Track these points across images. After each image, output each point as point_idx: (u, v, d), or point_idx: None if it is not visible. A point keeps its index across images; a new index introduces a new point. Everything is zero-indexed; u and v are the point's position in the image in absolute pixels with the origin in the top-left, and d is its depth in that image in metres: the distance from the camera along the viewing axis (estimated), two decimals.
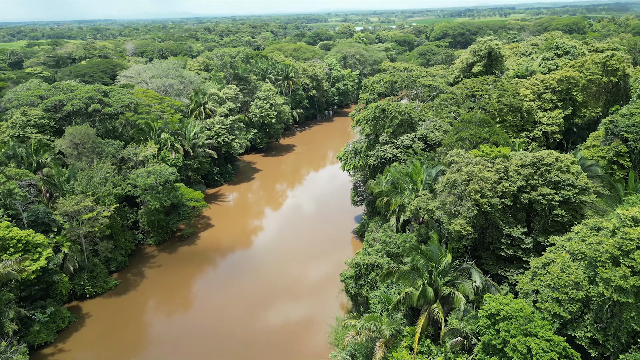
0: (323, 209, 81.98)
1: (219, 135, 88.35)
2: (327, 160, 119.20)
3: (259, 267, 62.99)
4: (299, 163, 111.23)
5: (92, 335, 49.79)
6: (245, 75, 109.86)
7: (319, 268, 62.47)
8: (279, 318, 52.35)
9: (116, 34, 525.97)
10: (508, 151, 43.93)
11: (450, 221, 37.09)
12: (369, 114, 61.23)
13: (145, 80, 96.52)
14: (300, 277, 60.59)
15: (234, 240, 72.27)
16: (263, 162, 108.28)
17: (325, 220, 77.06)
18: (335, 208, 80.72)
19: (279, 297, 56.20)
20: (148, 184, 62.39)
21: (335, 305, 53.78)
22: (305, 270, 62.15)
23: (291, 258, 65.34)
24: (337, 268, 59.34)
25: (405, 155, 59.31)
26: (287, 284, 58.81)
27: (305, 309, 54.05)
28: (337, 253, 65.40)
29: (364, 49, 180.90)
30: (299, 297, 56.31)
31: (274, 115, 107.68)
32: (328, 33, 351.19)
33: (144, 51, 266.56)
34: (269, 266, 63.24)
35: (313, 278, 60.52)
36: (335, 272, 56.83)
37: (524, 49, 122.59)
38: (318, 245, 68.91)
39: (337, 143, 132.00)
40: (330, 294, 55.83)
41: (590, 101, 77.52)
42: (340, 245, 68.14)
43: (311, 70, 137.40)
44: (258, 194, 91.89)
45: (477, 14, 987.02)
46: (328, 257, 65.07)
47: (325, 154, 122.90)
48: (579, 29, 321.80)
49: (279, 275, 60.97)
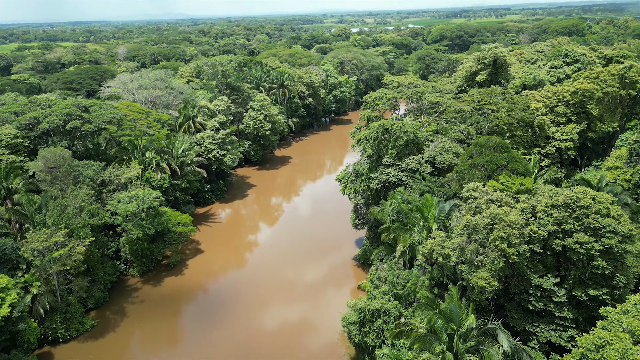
0: (321, 230, 76.51)
1: (210, 150, 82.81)
2: (325, 170, 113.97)
3: (251, 301, 57.49)
4: (295, 177, 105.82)
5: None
6: (238, 85, 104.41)
7: (317, 303, 57.07)
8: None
9: (109, 36, 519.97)
10: (531, 183, 38.74)
11: (472, 273, 31.83)
12: (371, 133, 55.94)
13: (132, 91, 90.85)
14: (296, 315, 55.19)
15: (225, 267, 66.80)
16: (257, 176, 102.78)
17: (324, 244, 71.65)
18: (334, 230, 75.29)
19: (272, 335, 50.81)
20: (129, 211, 56.85)
21: (335, 351, 48.41)
22: (300, 307, 56.69)
23: (286, 289, 59.95)
24: (338, 303, 54.05)
25: (412, 179, 54.07)
26: (280, 321, 53.45)
27: (302, 353, 48.66)
28: (337, 284, 60.12)
29: (361, 53, 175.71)
30: (295, 339, 50.92)
31: (269, 127, 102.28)
32: (324, 36, 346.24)
33: (136, 55, 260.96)
34: (261, 299, 57.76)
35: (310, 316, 55.08)
36: (335, 308, 51.57)
37: (528, 56, 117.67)
38: (316, 274, 63.55)
39: (334, 153, 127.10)
40: (329, 336, 50.41)
41: (606, 115, 72.52)
42: (341, 275, 62.74)
43: (307, 77, 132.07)
44: (251, 212, 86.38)
45: (473, 15, 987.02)
46: (328, 288, 59.73)
47: (322, 165, 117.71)
48: (578, 31, 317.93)
49: (272, 310, 55.57)
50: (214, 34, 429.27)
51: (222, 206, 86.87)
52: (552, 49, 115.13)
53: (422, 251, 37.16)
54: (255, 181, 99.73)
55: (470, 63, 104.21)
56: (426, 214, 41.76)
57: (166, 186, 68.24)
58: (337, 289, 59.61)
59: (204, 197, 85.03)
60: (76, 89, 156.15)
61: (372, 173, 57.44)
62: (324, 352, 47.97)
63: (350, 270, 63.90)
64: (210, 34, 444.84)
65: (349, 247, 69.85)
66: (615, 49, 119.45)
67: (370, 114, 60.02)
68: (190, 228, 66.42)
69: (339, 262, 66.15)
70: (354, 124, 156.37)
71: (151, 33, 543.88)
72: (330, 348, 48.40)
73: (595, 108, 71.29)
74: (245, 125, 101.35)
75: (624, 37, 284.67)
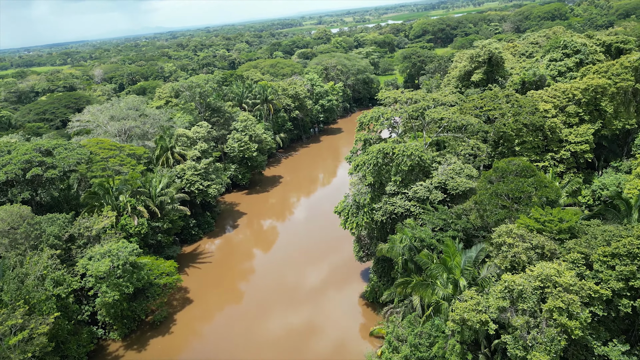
0: (322, 261, 69.62)
1: (192, 183, 75.62)
2: (318, 186, 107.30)
3: (249, 351, 50.51)
4: (287, 198, 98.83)
5: None
6: (219, 105, 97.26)
7: (324, 350, 50.17)
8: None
9: (87, 57, 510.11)
10: (574, 218, 32.16)
11: (525, 356, 25.13)
12: (370, 159, 49.18)
13: (103, 124, 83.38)
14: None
15: (216, 317, 59.68)
16: (247, 201, 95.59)
17: (326, 277, 64.79)
18: (337, 260, 68.45)
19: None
20: (102, 271, 49.58)
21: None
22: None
23: (287, 337, 52.97)
24: (349, 351, 47.24)
25: (422, 209, 47.37)
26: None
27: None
28: (347, 328, 53.26)
29: (345, 57, 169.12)
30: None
31: (255, 148, 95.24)
32: (305, 39, 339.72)
33: (113, 76, 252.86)
34: (260, 352, 50.76)
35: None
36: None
37: (522, 48, 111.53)
38: (322, 318, 56.66)
39: (327, 166, 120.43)
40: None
41: (621, 111, 66.35)
42: (350, 317, 55.82)
43: (292, 89, 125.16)
44: (243, 244, 79.23)
45: (451, 6, 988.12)
46: (335, 331, 52.85)
47: (315, 179, 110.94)
48: (561, 15, 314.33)
49: None
50: (192, 47, 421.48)
51: (211, 241, 79.67)
52: (547, 40, 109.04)
53: (452, 316, 30.44)
54: (245, 207, 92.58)
55: (464, 62, 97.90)
56: (450, 264, 35.02)
57: (145, 232, 60.98)
58: (347, 332, 52.72)
59: (190, 234, 77.79)
60: (50, 119, 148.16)
61: (375, 203, 50.66)
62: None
63: (359, 311, 56.99)
64: (189, 46, 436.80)
65: (355, 280, 63.02)
66: (611, 33, 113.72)
67: (366, 136, 53.22)
68: (176, 277, 59.23)
69: (345, 299, 59.28)
70: (345, 133, 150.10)
71: (129, 50, 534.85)
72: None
73: (610, 105, 65.09)
74: (230, 148, 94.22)
75: (608, 17, 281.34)
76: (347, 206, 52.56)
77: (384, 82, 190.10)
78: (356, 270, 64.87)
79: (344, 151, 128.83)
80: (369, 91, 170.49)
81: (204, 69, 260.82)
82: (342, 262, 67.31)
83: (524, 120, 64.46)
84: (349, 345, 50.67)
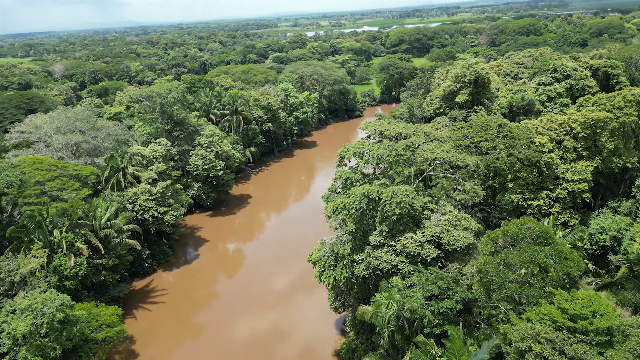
0: (292, 300, 61.77)
1: (146, 210, 66.52)
2: (290, 203, 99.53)
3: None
4: (256, 219, 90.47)
5: None
6: (182, 118, 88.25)
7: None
8: None
9: (51, 50, 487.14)
10: (611, 312, 25.51)
11: None
12: (352, 203, 41.76)
13: (46, 137, 73.21)
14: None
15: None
16: (210, 225, 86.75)
17: (293, 326, 56.94)
18: (308, 303, 60.79)
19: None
20: (20, 332, 40.36)
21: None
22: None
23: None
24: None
25: (411, 266, 40.23)
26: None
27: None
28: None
29: (322, 66, 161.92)
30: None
31: (221, 166, 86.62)
32: (280, 43, 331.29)
33: (74, 73, 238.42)
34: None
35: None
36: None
37: (507, 68, 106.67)
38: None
39: (299, 182, 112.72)
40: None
41: (622, 148, 61.15)
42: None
43: (264, 99, 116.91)
44: (203, 275, 70.37)
45: (426, 15, 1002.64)
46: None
47: (287, 197, 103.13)
48: (536, 30, 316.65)
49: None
50: (163, 45, 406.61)
51: (167, 273, 70.63)
52: (533, 60, 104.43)
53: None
54: (208, 231, 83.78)
55: (448, 82, 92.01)
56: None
57: (84, 273, 51.76)
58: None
59: (142, 266, 68.60)
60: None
61: (356, 254, 43.23)
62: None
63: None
64: (159, 44, 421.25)
65: (328, 331, 55.39)
66: (596, 56, 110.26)
67: (349, 174, 45.72)
68: (119, 329, 50.15)
69: (314, 354, 51.62)
70: (319, 147, 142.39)
71: (96, 44, 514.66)
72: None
73: (610, 141, 59.79)
74: (193, 166, 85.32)
75: (582, 35, 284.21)
76: (324, 256, 44.93)
77: (360, 93, 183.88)
78: (330, 318, 57.27)
79: (318, 166, 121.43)
80: (346, 102, 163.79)
81: (172, 70, 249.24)
82: (315, 303, 59.70)
83: (519, 155, 58.47)
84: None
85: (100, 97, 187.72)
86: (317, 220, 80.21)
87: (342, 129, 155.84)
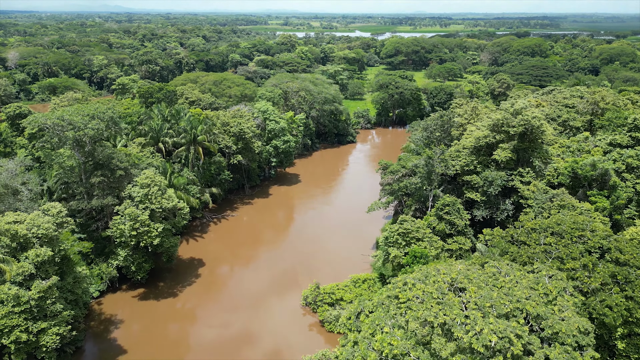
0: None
1: (8, 331, 39.75)
2: (260, 274, 72.45)
3: None
4: (205, 302, 63.92)
5: None
6: (107, 157, 61.65)
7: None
8: None
9: (21, 31, 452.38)
10: None
11: None
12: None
13: None
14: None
15: None
16: (138, 313, 59.98)
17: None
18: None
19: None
20: None
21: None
22: None
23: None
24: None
25: None
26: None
27: None
28: None
29: (311, 80, 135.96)
30: None
31: (161, 229, 60.37)
32: (267, 44, 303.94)
33: (27, 64, 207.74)
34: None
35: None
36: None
37: (550, 110, 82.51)
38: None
39: (271, 237, 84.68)
40: None
41: None
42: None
43: (235, 124, 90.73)
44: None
45: (418, 23, 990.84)
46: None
47: (253, 259, 75.86)
48: (541, 51, 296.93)
49: None
50: (140, 36, 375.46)
51: None
52: (586, 103, 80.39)
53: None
54: (131, 329, 57.14)
55: (484, 131, 67.38)
56: None
57: None
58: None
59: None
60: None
61: None
62: None
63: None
64: (137, 34, 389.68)
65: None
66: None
67: None
68: None
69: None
70: (302, 183, 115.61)
71: (71, 30, 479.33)
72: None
73: None
74: (115, 231, 58.84)
75: (591, 61, 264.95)
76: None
77: (353, 112, 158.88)
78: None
79: (300, 209, 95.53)
80: (337, 125, 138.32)
81: (143, 67, 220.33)
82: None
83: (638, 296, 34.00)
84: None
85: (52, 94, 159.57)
86: (296, 297, 54.56)
87: (331, 157, 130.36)
